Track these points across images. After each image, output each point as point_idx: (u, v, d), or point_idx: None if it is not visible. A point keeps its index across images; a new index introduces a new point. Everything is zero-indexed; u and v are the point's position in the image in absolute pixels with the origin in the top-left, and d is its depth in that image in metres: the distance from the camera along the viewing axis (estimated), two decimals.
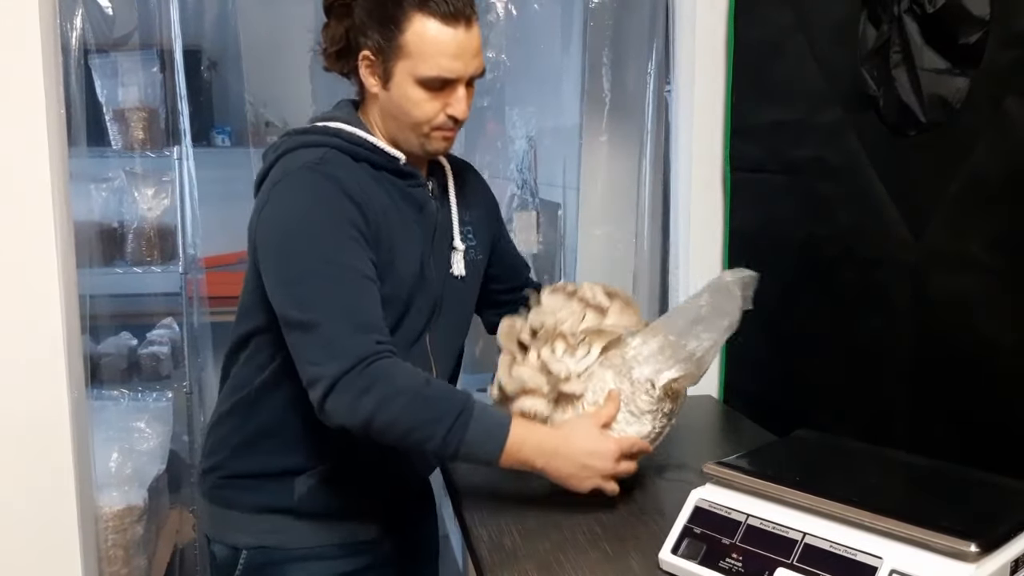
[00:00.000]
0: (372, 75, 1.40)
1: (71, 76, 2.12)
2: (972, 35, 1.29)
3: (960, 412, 1.37)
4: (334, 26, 1.42)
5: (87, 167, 2.51)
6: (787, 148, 1.83)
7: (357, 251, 1.34)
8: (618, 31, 2.35)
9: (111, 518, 2.26)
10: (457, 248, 1.53)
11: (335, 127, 1.43)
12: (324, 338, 1.28)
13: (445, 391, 1.34)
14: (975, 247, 1.33)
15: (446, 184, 1.55)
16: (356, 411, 1.27)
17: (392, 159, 1.43)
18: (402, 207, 1.43)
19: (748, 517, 1.16)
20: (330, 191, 1.35)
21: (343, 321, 1.29)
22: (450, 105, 1.39)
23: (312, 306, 1.30)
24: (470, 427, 1.29)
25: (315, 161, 1.37)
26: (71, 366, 1.89)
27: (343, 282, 1.31)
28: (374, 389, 1.26)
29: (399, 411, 1.28)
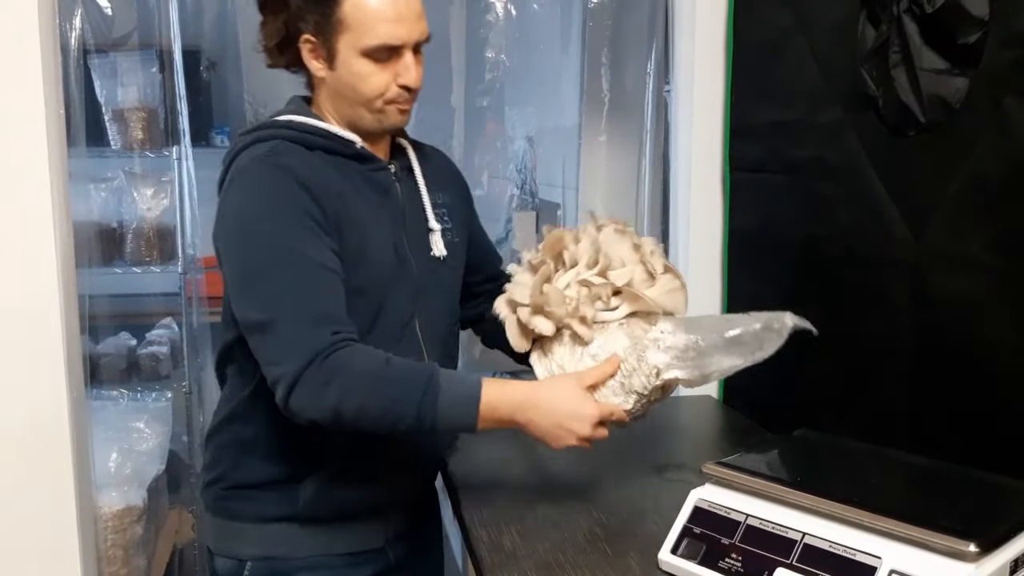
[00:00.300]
0: (316, 58, 1.37)
1: (70, 76, 2.12)
2: (971, 35, 1.29)
3: (960, 412, 1.37)
4: (271, 20, 1.38)
5: (86, 167, 2.51)
6: (787, 148, 1.83)
7: (314, 241, 1.30)
8: (617, 31, 2.35)
9: (110, 518, 2.26)
10: (433, 229, 1.48)
11: (285, 119, 1.39)
12: (280, 337, 1.26)
13: (407, 368, 1.28)
14: (975, 247, 1.33)
15: (410, 166, 1.50)
16: (320, 405, 1.24)
17: (347, 143, 1.39)
18: (365, 192, 1.39)
19: (747, 517, 1.16)
20: (281, 181, 1.31)
21: (298, 317, 1.26)
22: (400, 74, 1.35)
23: (267, 305, 1.27)
24: (440, 399, 1.26)
25: (265, 154, 1.34)
26: (70, 366, 1.89)
27: (298, 274, 1.27)
28: (334, 380, 1.23)
29: (363, 396, 1.25)
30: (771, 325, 1.37)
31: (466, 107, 2.45)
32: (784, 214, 1.85)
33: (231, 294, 1.33)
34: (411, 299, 1.43)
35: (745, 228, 2.05)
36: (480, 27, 2.43)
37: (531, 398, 1.30)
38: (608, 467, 1.61)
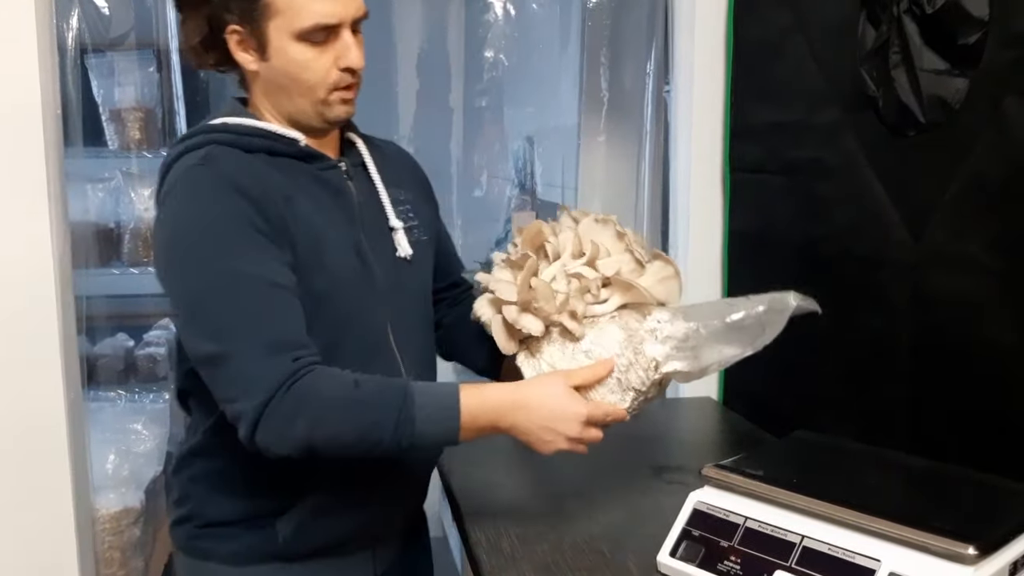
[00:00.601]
0: (245, 50, 1.25)
1: (67, 76, 2.11)
2: (971, 36, 1.29)
3: (959, 413, 1.37)
4: (191, 16, 1.27)
5: (84, 167, 2.50)
6: (786, 149, 1.82)
7: (260, 255, 1.18)
8: (616, 31, 2.35)
9: (108, 520, 2.25)
10: (395, 227, 1.35)
11: (218, 122, 1.27)
12: (235, 370, 1.14)
13: (378, 387, 1.18)
14: (974, 248, 1.33)
15: (363, 162, 1.37)
16: (290, 440, 1.14)
17: (290, 142, 1.27)
18: (315, 193, 1.27)
19: (746, 520, 1.16)
20: (217, 191, 1.19)
21: (253, 346, 1.14)
22: (340, 56, 1.23)
23: (216, 335, 1.15)
24: (417, 418, 1.16)
25: (197, 162, 1.21)
26: (67, 368, 1.88)
27: (247, 297, 1.16)
28: (302, 411, 1.13)
29: (335, 424, 1.15)
30: (774, 307, 1.30)
31: (465, 107, 2.45)
32: (784, 215, 1.85)
33: (177, 325, 1.24)
34: (380, 305, 1.31)
35: (745, 229, 2.05)
36: (479, 27, 2.42)
37: (513, 400, 1.22)
38: (606, 469, 1.60)
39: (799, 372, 1.80)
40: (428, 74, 2.43)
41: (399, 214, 1.37)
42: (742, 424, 1.95)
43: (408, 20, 2.35)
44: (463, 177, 2.49)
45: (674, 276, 1.35)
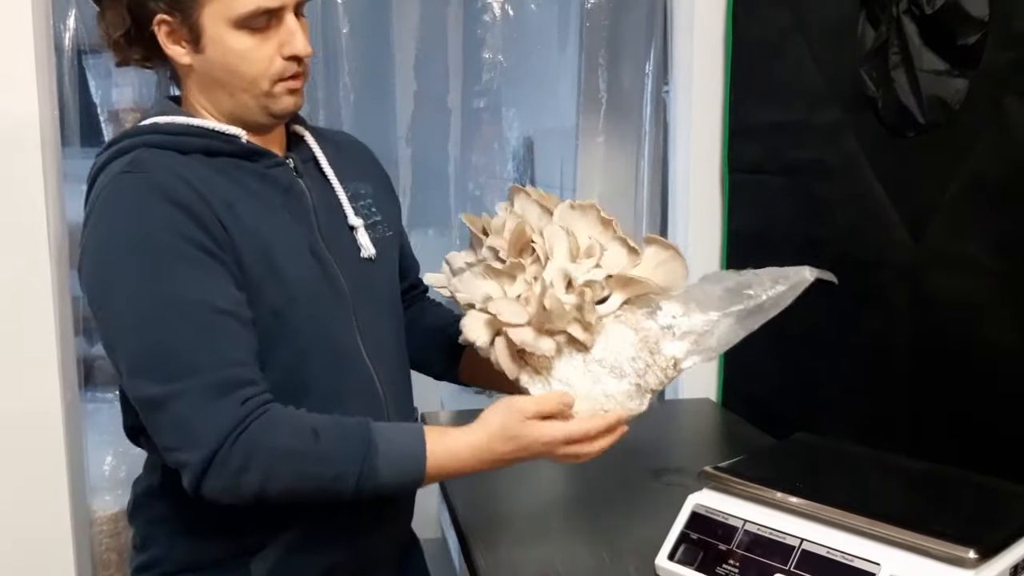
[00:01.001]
0: (176, 42, 1.12)
1: (64, 77, 2.10)
2: (971, 36, 1.28)
3: (959, 415, 1.36)
4: (111, 7, 1.14)
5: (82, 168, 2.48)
6: (786, 149, 1.82)
7: (199, 276, 1.05)
8: (615, 31, 2.34)
9: (105, 522, 2.24)
10: (355, 226, 1.24)
11: (148, 123, 1.14)
12: (176, 417, 1.02)
13: (338, 436, 1.07)
14: (975, 249, 1.32)
15: (313, 157, 1.25)
16: (240, 491, 1.04)
17: (229, 139, 1.14)
18: (262, 194, 1.15)
19: (745, 523, 1.15)
20: (147, 201, 1.05)
21: (194, 388, 1.02)
22: (284, 43, 1.12)
23: (152, 373, 1.02)
24: (380, 469, 1.06)
25: (124, 169, 1.08)
26: (64, 369, 1.88)
27: (185, 328, 1.03)
28: (253, 462, 1.02)
29: (292, 478, 1.05)
30: (792, 282, 1.24)
31: (463, 108, 2.44)
32: (783, 215, 1.84)
33: (112, 356, 1.07)
34: (346, 313, 1.19)
35: (744, 229, 2.04)
36: (477, 27, 2.41)
37: (474, 442, 1.11)
38: (605, 471, 1.59)
39: (799, 373, 1.80)
40: (426, 75, 2.41)
41: (359, 210, 1.25)
42: (741, 425, 1.94)
43: (405, 20, 2.34)
44: (461, 178, 2.48)
45: (674, 258, 1.22)
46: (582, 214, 1.19)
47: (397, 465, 1.08)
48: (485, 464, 1.11)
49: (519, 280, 1.17)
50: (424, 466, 1.08)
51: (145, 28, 1.12)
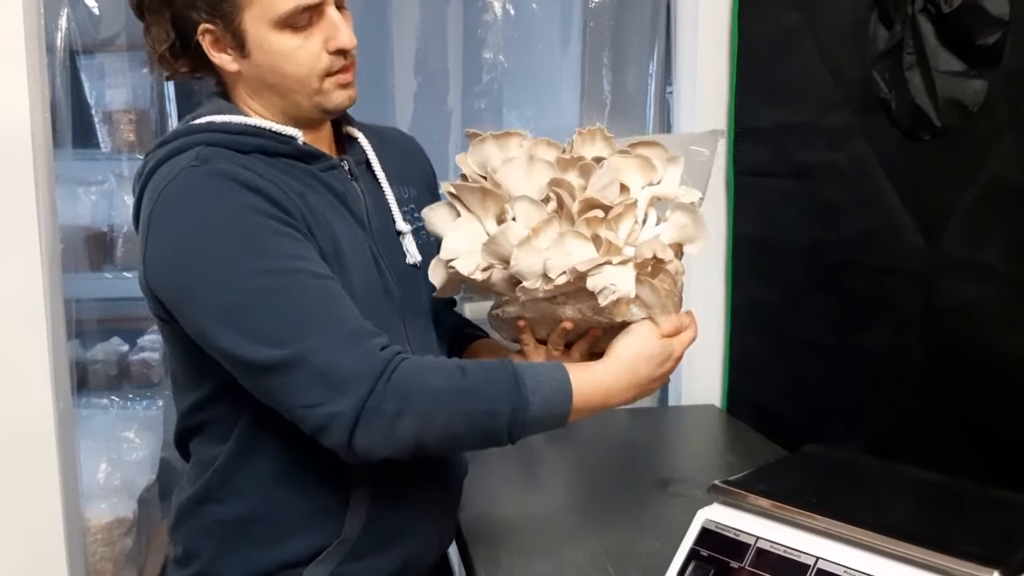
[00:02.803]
0: (222, 50, 1.12)
1: (56, 77, 2.07)
2: (990, 36, 1.24)
3: (975, 426, 1.33)
4: (155, 22, 1.14)
5: (75, 170, 2.45)
6: (794, 151, 1.78)
7: (295, 246, 1.05)
8: (618, 31, 2.31)
9: (99, 531, 2.21)
10: (403, 231, 1.23)
11: (203, 122, 1.13)
12: (315, 371, 0.99)
13: (486, 373, 1.06)
14: (991, 255, 1.29)
15: (366, 159, 1.25)
16: (397, 439, 1.01)
17: (287, 139, 1.14)
18: (323, 195, 1.14)
19: (758, 540, 1.11)
20: (224, 188, 1.04)
21: (330, 340, 1.00)
22: (330, 38, 1.10)
23: (280, 337, 1.00)
24: (530, 401, 1.05)
25: (191, 163, 1.06)
26: (56, 375, 1.84)
27: (299, 292, 1.02)
28: (408, 406, 1.00)
29: (448, 418, 1.02)
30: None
31: (463, 109, 2.40)
32: (790, 219, 1.81)
33: (213, 338, 1.03)
34: (398, 321, 1.19)
35: (750, 233, 2.01)
36: (478, 27, 2.38)
37: (612, 374, 1.12)
38: (610, 482, 1.57)
39: (806, 381, 1.76)
40: (426, 75, 2.37)
41: (405, 215, 1.25)
42: (747, 433, 1.91)
43: (405, 20, 2.31)
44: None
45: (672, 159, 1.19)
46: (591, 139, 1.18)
47: (546, 396, 1.06)
48: (629, 391, 1.12)
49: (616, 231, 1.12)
50: (570, 396, 1.08)
51: (190, 40, 1.13)
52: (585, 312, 1.13)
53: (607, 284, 1.09)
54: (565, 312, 1.14)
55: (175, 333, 1.10)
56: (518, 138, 1.17)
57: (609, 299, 1.09)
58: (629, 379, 1.12)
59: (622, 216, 1.12)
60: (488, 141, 1.16)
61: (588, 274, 1.08)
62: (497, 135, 1.16)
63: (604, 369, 1.12)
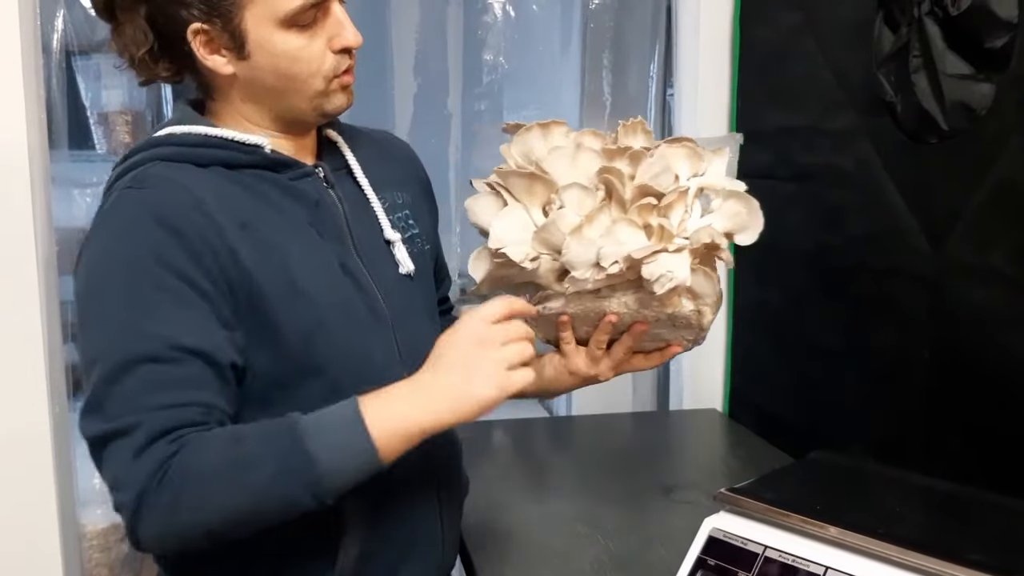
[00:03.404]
0: (216, 51, 1.03)
1: (52, 78, 2.05)
2: (999, 39, 1.23)
3: (982, 432, 1.32)
4: (128, 22, 1.04)
5: (71, 172, 2.43)
6: (797, 154, 1.77)
7: (169, 307, 0.96)
8: (619, 32, 2.29)
9: (95, 536, 2.19)
10: (392, 240, 1.14)
11: (162, 134, 1.06)
12: (112, 452, 0.92)
13: (262, 436, 0.95)
14: (998, 259, 1.27)
15: (347, 165, 1.16)
16: (178, 530, 0.92)
17: (251, 149, 1.05)
18: (286, 209, 1.06)
19: (766, 549, 1.10)
20: (136, 222, 0.98)
21: (133, 429, 0.92)
22: (335, 36, 1.04)
23: (104, 409, 0.93)
24: (318, 454, 0.92)
25: (127, 185, 1.01)
26: (52, 380, 1.82)
27: (143, 367, 0.93)
28: (181, 498, 0.91)
29: (224, 499, 0.92)
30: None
31: (463, 111, 2.38)
32: (794, 222, 1.79)
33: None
34: (386, 335, 1.10)
35: None
36: (478, 29, 2.36)
37: (417, 381, 0.98)
38: (613, 488, 1.55)
39: (811, 386, 1.75)
40: (425, 77, 2.36)
41: (396, 222, 1.16)
42: (750, 438, 1.89)
43: (404, 22, 2.29)
44: (461, 182, 2.42)
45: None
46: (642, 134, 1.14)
47: (334, 439, 0.92)
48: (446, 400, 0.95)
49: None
50: (365, 432, 0.92)
51: (174, 41, 1.04)
52: (631, 305, 1.10)
53: (664, 271, 1.05)
54: (611, 306, 1.10)
55: None
56: (562, 128, 1.14)
57: (665, 287, 1.05)
58: (440, 383, 0.96)
59: (673, 204, 1.09)
60: (533, 130, 1.13)
61: (643, 262, 1.05)
62: (543, 124, 1.14)
63: (404, 384, 0.98)
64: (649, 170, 1.09)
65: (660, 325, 1.13)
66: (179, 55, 1.05)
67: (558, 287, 1.11)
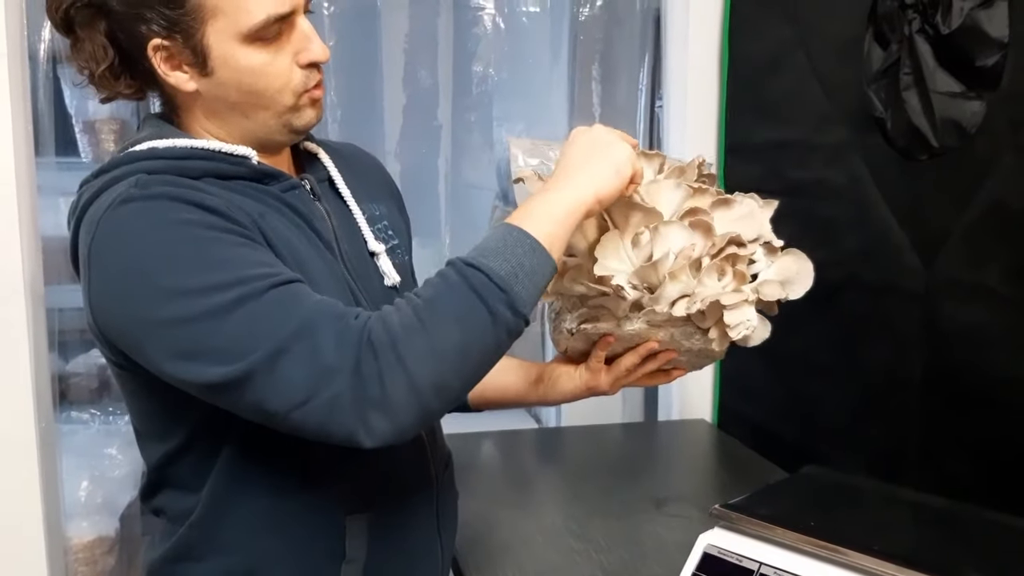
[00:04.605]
0: (177, 67, 0.99)
1: (39, 87, 2.03)
2: (989, 57, 1.25)
3: (974, 449, 1.32)
4: (88, 39, 0.99)
5: (56, 180, 2.41)
6: (787, 169, 1.78)
7: (256, 254, 0.93)
8: (608, 44, 2.30)
9: (81, 549, 2.17)
10: (376, 252, 1.13)
11: (144, 148, 1.00)
12: (298, 360, 0.87)
13: (432, 284, 0.92)
14: (990, 277, 1.28)
15: (329, 176, 1.14)
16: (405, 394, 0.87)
17: (240, 159, 1.02)
18: (287, 217, 1.04)
19: (761, 565, 1.10)
20: (166, 208, 0.92)
21: (310, 326, 0.88)
22: (301, 51, 1.00)
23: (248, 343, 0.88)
24: (492, 265, 0.90)
25: (126, 192, 0.94)
26: (39, 390, 1.80)
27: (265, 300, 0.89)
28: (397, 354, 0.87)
29: (434, 342, 0.88)
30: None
31: (453, 122, 2.38)
32: (784, 237, 1.79)
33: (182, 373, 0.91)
34: None
35: None
36: (467, 40, 2.36)
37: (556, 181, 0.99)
38: (605, 502, 1.55)
39: (799, 398, 1.76)
40: (415, 89, 2.35)
41: (377, 233, 1.15)
42: (739, 450, 1.90)
43: (394, 33, 2.28)
44: (451, 194, 2.42)
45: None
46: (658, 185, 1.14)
47: (497, 248, 0.91)
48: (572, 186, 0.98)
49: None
50: (523, 231, 0.92)
51: (135, 57, 1.00)
52: (676, 336, 1.13)
53: (743, 320, 1.10)
54: (657, 334, 1.12)
55: (136, 382, 1.00)
56: (659, 160, 1.16)
57: (742, 334, 1.10)
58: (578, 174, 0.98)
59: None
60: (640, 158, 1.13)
61: (727, 308, 1.09)
62: (647, 154, 1.15)
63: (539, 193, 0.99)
64: (736, 218, 1.15)
65: (684, 353, 1.16)
66: (140, 71, 1.02)
67: (624, 313, 1.12)
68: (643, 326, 1.11)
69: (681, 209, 1.12)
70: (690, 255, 1.08)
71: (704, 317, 1.10)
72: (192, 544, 1.05)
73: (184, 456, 1.04)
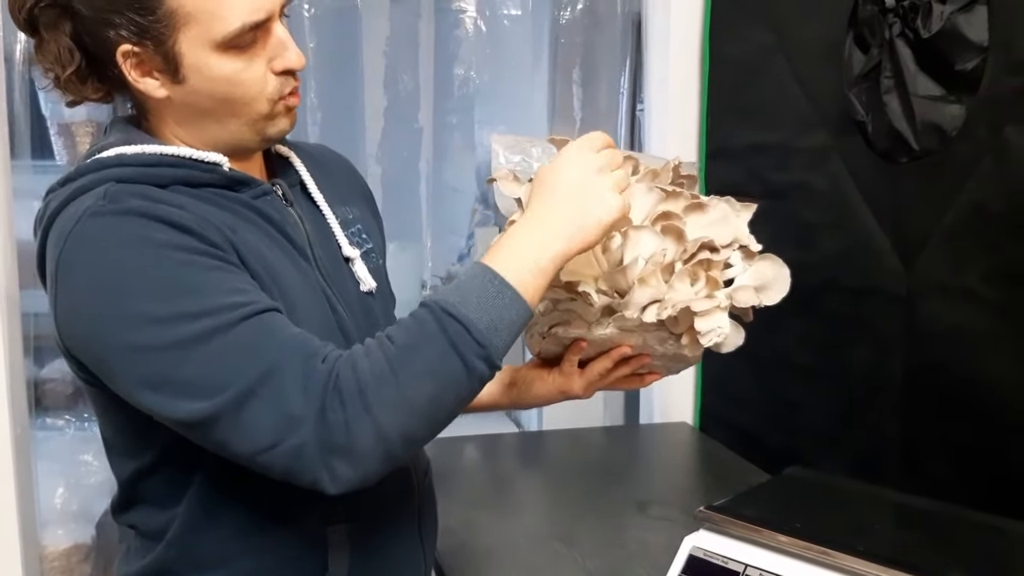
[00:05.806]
0: (147, 74, 0.95)
1: (14, 89, 2.01)
2: (969, 61, 1.26)
3: (955, 449, 1.33)
4: (53, 40, 0.95)
5: (32, 183, 2.38)
6: (768, 172, 1.78)
7: (231, 279, 0.91)
8: (589, 47, 2.30)
9: (56, 558, 2.14)
10: (351, 257, 1.10)
11: (111, 155, 0.96)
12: (265, 401, 0.86)
13: (406, 327, 0.90)
14: (970, 278, 1.29)
15: (301, 181, 1.10)
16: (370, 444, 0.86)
17: (211, 166, 0.99)
18: (258, 226, 1.00)
19: (746, 567, 1.10)
20: (141, 226, 0.89)
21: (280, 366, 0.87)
22: (276, 57, 0.97)
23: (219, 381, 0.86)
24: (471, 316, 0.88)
25: (95, 205, 0.90)
26: (13, 394, 1.78)
27: (238, 331, 0.87)
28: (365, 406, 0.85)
29: (404, 392, 0.86)
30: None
31: (434, 125, 2.38)
32: (765, 239, 1.80)
33: (148, 402, 0.89)
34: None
35: None
36: (449, 43, 2.36)
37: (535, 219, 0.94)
38: (589, 505, 1.55)
39: (780, 400, 1.76)
40: (396, 91, 2.35)
41: (351, 238, 1.11)
42: (721, 452, 1.90)
43: (375, 36, 2.27)
44: (432, 197, 2.41)
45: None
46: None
47: (477, 302, 0.89)
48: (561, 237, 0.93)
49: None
50: (500, 277, 0.90)
51: (102, 61, 0.96)
52: (649, 341, 1.12)
53: (715, 327, 1.07)
54: (629, 339, 1.12)
55: (106, 396, 0.96)
56: (632, 162, 1.13)
57: (713, 340, 1.08)
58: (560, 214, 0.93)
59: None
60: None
61: (698, 315, 1.07)
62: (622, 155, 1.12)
63: (520, 227, 0.95)
64: (709, 223, 1.12)
65: (659, 357, 1.15)
66: (109, 76, 0.98)
67: (595, 318, 1.10)
68: (615, 331, 1.11)
69: (653, 213, 1.09)
70: (661, 260, 1.06)
71: (676, 322, 1.09)
72: (169, 561, 1.02)
73: (157, 472, 1.01)
